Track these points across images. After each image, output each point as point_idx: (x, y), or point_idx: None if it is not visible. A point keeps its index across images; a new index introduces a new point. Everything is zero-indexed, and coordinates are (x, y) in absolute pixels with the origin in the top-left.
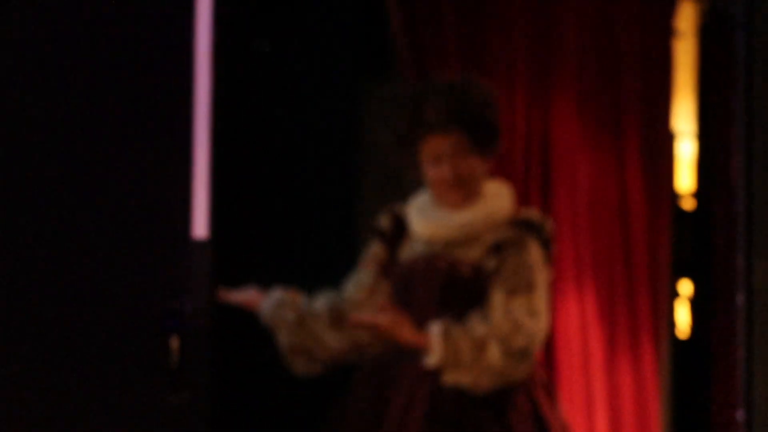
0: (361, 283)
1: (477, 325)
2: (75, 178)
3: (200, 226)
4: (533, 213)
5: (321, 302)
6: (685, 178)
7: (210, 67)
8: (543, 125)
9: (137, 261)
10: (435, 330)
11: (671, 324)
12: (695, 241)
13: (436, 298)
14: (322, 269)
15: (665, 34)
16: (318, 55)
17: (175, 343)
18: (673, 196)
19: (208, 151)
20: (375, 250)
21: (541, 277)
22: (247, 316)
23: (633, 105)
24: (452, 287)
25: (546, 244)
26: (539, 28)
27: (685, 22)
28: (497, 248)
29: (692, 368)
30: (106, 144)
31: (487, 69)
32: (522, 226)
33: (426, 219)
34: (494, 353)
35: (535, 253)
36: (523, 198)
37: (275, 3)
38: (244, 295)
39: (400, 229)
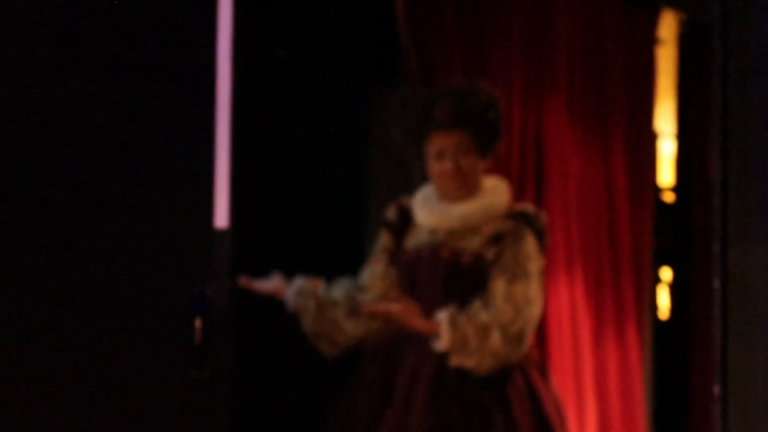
0: (374, 272)
1: (480, 313)
2: (108, 175)
3: (221, 217)
4: (528, 206)
5: (339, 291)
6: (666, 173)
7: (230, 69)
8: (537, 126)
9: (164, 249)
10: (442, 317)
11: (653, 307)
12: (675, 232)
13: (440, 284)
14: (335, 256)
15: (648, 42)
16: (331, 59)
17: (198, 324)
18: (655, 190)
19: (229, 148)
20: (383, 240)
21: (536, 265)
22: (264, 299)
23: (619, 107)
24: (455, 275)
25: (540, 235)
26: (534, 36)
27: (667, 31)
28: (496, 239)
29: (672, 347)
30: (136, 144)
31: (486, 74)
32: (518, 219)
33: (429, 210)
34: (496, 339)
35: (530, 243)
36: (518, 193)
37: (293, 12)
38: (270, 284)
39: (405, 220)
